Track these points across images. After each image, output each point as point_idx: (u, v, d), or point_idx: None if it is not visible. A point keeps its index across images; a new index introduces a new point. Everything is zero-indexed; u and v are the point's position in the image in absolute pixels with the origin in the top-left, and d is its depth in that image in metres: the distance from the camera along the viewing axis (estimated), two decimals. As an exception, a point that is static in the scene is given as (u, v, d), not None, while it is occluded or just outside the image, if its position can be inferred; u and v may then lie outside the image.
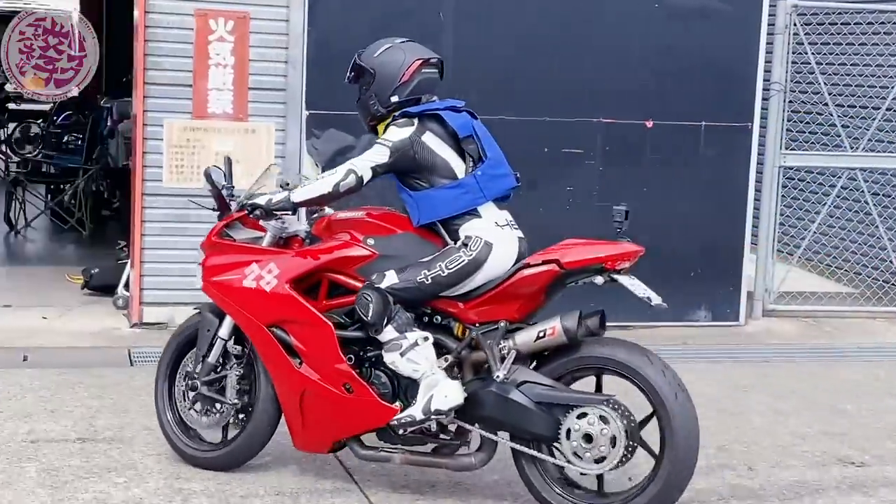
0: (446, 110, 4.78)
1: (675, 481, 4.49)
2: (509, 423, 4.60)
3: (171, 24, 7.42)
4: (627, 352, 4.57)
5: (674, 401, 4.45)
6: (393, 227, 4.83)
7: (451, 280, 4.62)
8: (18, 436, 5.38)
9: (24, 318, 7.67)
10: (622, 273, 4.56)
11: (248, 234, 5.08)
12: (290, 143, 7.68)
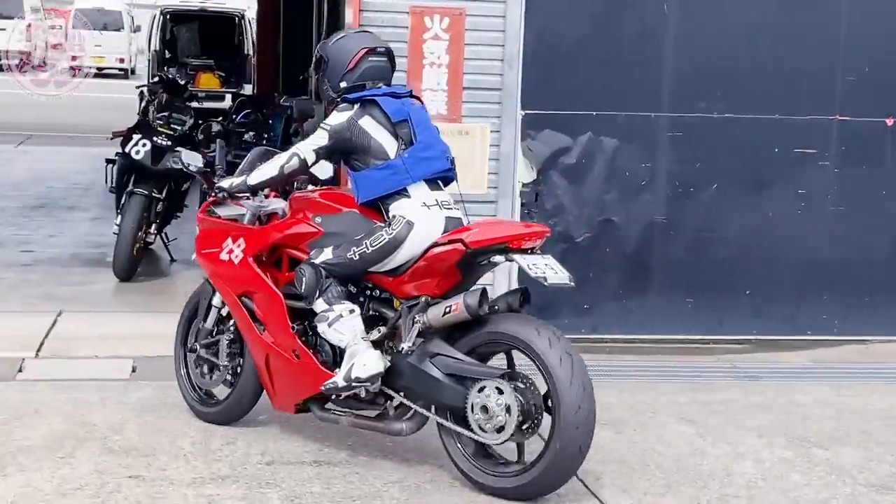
0: (385, 96, 5.08)
1: (564, 453, 4.61)
2: (422, 392, 4.87)
3: (385, 22, 7.13)
4: (520, 326, 4.74)
5: (560, 371, 4.59)
6: (339, 206, 5.17)
7: (375, 257, 4.93)
8: (253, 457, 5.14)
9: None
10: (529, 253, 4.78)
11: (234, 211, 5.48)
12: (504, 144, 7.32)
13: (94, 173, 14.46)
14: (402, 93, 5.21)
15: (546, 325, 4.76)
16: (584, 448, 4.65)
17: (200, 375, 5.64)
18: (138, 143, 8.71)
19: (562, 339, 4.70)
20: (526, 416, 4.66)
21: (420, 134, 5.04)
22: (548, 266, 4.75)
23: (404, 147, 5.02)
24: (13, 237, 10.16)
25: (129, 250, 8.49)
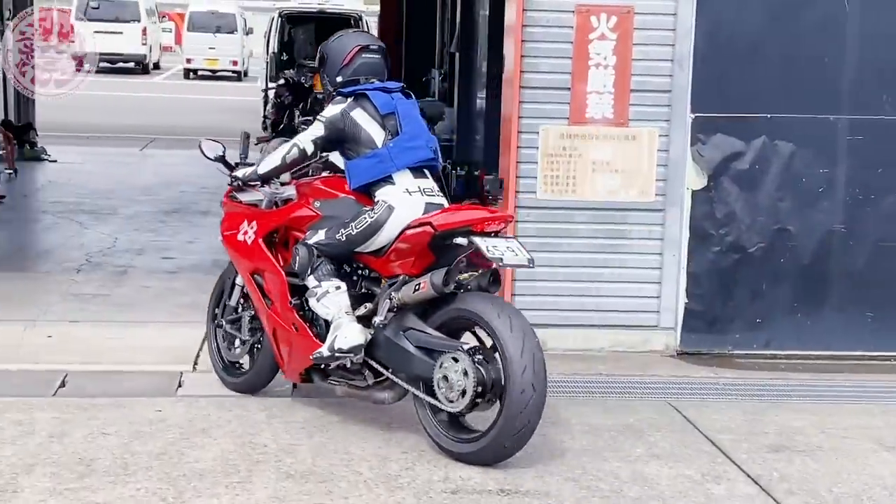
0: (375, 91, 5.48)
1: (512, 425, 4.89)
2: (397, 363, 5.24)
3: (549, 22, 6.81)
4: (483, 304, 5.07)
5: (511, 349, 4.88)
6: (336, 192, 5.59)
7: (359, 238, 5.35)
8: (435, 484, 4.85)
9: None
10: (492, 236, 5.10)
11: (254, 196, 5.93)
12: (673, 149, 6.94)
13: (221, 177, 14.33)
14: (393, 88, 5.60)
15: (506, 306, 5.17)
16: (532, 421, 4.95)
17: (227, 348, 6.15)
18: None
19: (519, 319, 5.01)
20: (484, 388, 4.96)
21: (405, 126, 5.44)
22: (508, 248, 5.08)
23: (391, 137, 5.41)
24: (152, 244, 10.04)
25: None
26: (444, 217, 5.18)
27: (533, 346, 4.91)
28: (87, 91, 26.51)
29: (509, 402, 4.89)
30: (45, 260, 9.31)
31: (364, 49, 5.62)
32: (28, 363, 6.43)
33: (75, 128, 18.37)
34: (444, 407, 5.07)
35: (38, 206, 11.81)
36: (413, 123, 5.47)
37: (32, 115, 16.87)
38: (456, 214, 5.21)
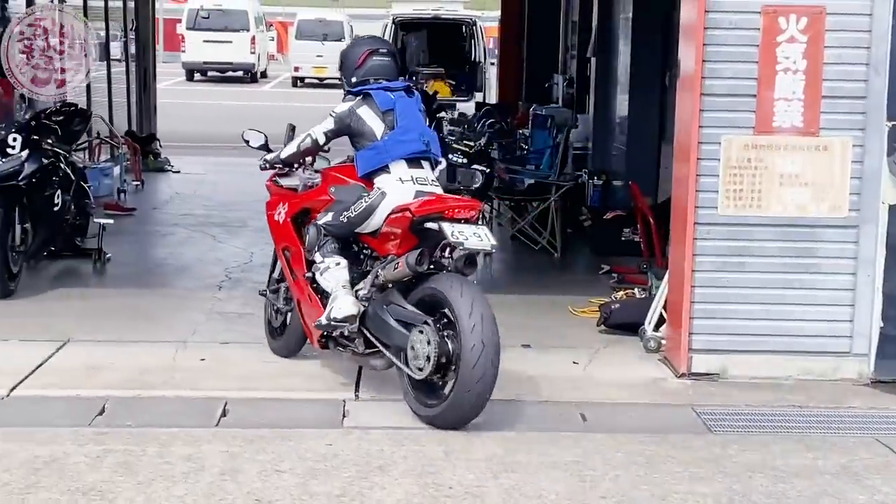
0: (378, 90, 6.09)
1: (463, 394, 5.41)
2: (381, 334, 5.81)
3: (733, 24, 6.32)
4: (450, 283, 5.61)
5: (465, 325, 5.39)
6: (349, 179, 6.18)
7: (356, 220, 5.97)
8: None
9: (552, 362, 6.83)
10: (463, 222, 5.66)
11: (293, 182, 6.58)
12: (868, 160, 6.40)
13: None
14: (396, 87, 6.17)
15: (471, 288, 5.60)
16: (483, 393, 5.44)
17: (273, 314, 6.82)
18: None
19: (478, 301, 5.48)
20: (448, 357, 5.48)
21: (401, 121, 6.04)
22: (474, 234, 5.66)
23: (389, 131, 6.02)
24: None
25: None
26: (421, 204, 5.78)
27: (488, 328, 5.43)
28: (198, 100, 26.81)
29: (462, 364, 5.40)
30: (185, 276, 9.07)
31: (374, 52, 6.28)
32: (185, 389, 6.14)
33: (191, 137, 18.30)
34: (413, 374, 5.63)
35: (168, 218, 11.60)
36: (408, 119, 6.08)
37: (154, 125, 16.85)
38: (432, 202, 5.80)
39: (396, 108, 6.04)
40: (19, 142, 7.98)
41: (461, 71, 22.37)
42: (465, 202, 5.87)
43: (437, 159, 6.21)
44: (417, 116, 6.13)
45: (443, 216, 5.68)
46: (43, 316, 7.59)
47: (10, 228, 7.94)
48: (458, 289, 5.55)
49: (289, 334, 6.66)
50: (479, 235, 5.65)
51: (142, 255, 9.79)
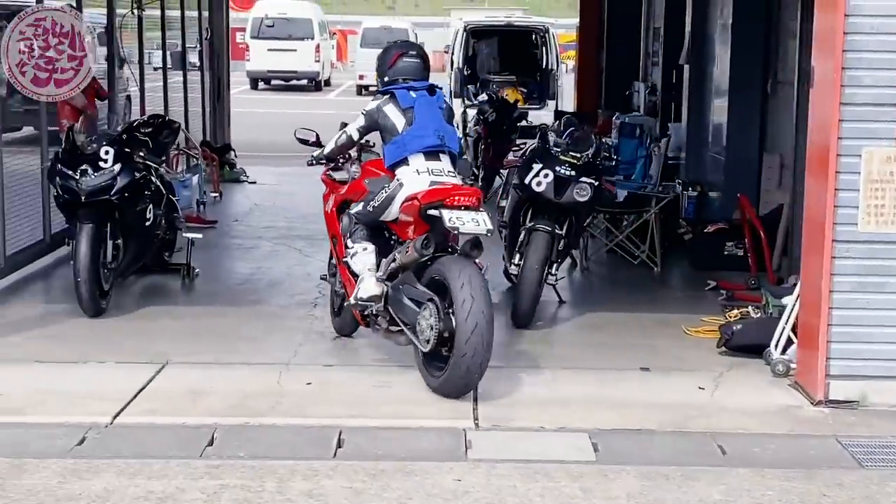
0: (401, 89, 6.62)
1: (458, 368, 5.90)
2: (398, 311, 6.32)
3: (875, 29, 5.92)
4: (452, 265, 6.10)
5: (460, 305, 5.88)
6: (380, 172, 6.72)
7: (379, 209, 6.51)
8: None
9: (675, 387, 6.46)
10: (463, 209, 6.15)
11: (343, 175, 7.10)
12: None
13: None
14: (418, 87, 6.67)
15: (468, 269, 6.07)
16: (472, 367, 5.93)
17: (333, 296, 7.31)
18: (539, 173, 7.74)
19: (474, 282, 5.98)
20: (450, 332, 5.97)
21: (418, 117, 6.53)
22: (472, 220, 6.16)
23: (408, 127, 6.52)
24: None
25: (534, 294, 7.57)
26: (427, 193, 6.30)
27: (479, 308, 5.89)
28: (264, 109, 26.63)
29: (456, 339, 5.92)
30: (276, 292, 8.77)
31: (404, 54, 6.84)
32: (295, 416, 5.83)
33: (261, 147, 18.04)
34: (421, 347, 6.15)
35: (251, 231, 11.34)
36: (425, 116, 6.57)
37: (228, 135, 16.65)
38: (437, 191, 6.28)
39: (416, 106, 6.59)
40: (111, 155, 7.74)
41: (533, 79, 21.98)
42: (466, 191, 6.34)
43: (455, 153, 6.67)
44: (435, 113, 6.64)
45: (444, 203, 6.22)
46: (136, 336, 7.34)
47: (101, 244, 7.71)
48: (456, 270, 6.09)
49: (344, 314, 7.18)
50: (475, 221, 6.18)
51: (229, 271, 9.51)
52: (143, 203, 8.02)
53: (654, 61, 15.49)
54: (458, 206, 6.19)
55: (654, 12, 15.66)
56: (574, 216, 7.87)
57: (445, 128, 6.62)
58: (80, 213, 7.65)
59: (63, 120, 9.65)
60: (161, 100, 13.44)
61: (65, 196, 7.70)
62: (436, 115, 6.59)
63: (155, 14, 13.38)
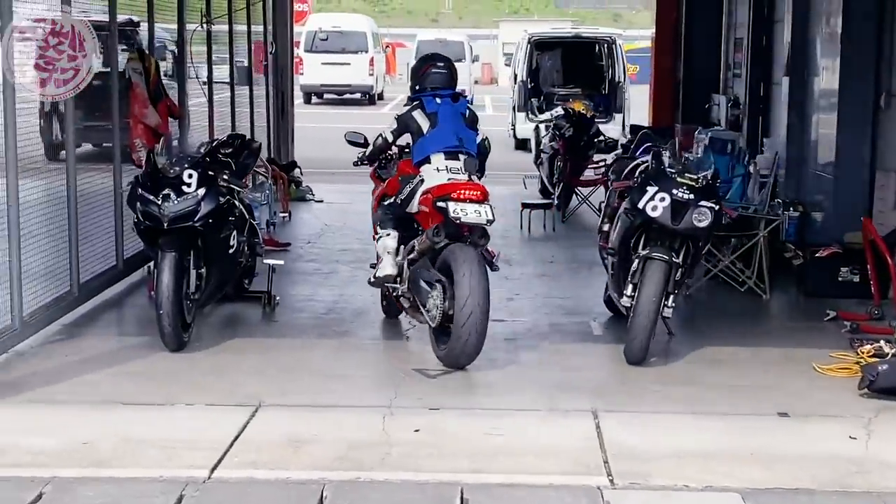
0: (428, 96, 7.43)
1: (457, 343, 6.78)
2: (415, 292, 7.13)
3: None
4: (457, 253, 6.90)
5: (460, 288, 6.74)
6: (409, 170, 7.43)
7: (405, 201, 7.35)
8: None
9: (821, 436, 5.84)
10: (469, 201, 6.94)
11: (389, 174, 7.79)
12: None
13: (501, 217, 13.23)
14: (444, 94, 7.45)
15: (469, 256, 6.83)
16: (467, 349, 6.73)
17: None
18: (654, 196, 7.14)
19: (474, 273, 6.74)
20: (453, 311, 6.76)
21: (440, 121, 7.29)
22: (475, 211, 6.90)
23: (431, 129, 7.28)
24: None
25: (650, 328, 6.99)
26: (438, 187, 7.06)
27: (477, 292, 6.70)
28: (319, 123, 26.12)
29: (455, 326, 6.72)
30: (364, 323, 8.23)
31: (432, 66, 7.62)
32: (408, 470, 5.30)
33: (321, 163, 17.46)
34: (430, 323, 6.96)
35: (326, 254, 10.82)
36: (447, 120, 7.33)
37: (292, 152, 16.19)
38: (446, 186, 7.04)
39: (439, 111, 7.38)
40: (195, 178, 7.23)
41: (598, 92, 21.37)
42: (471, 186, 7.06)
43: (472, 153, 7.35)
44: (456, 118, 7.42)
45: (451, 197, 6.97)
46: (223, 373, 6.84)
47: (185, 274, 7.21)
48: (459, 257, 6.88)
49: (389, 300, 7.87)
50: (478, 212, 6.95)
51: (310, 298, 8.97)
52: (227, 229, 7.51)
53: (736, 73, 14.87)
54: (463, 199, 6.96)
55: (736, 22, 15.03)
56: (692, 243, 7.27)
57: (465, 131, 7.41)
58: (162, 241, 7.15)
59: (136, 139, 9.20)
60: (227, 116, 12.98)
61: (146, 222, 7.20)
62: (457, 119, 7.43)
63: (223, 28, 12.93)
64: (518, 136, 21.67)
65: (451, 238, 6.95)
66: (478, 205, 6.93)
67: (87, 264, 8.31)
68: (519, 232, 12.23)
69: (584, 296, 9.19)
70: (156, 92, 9.56)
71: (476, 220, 6.90)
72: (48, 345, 7.33)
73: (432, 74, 7.54)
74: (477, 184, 7.10)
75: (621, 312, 7.79)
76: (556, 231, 12.36)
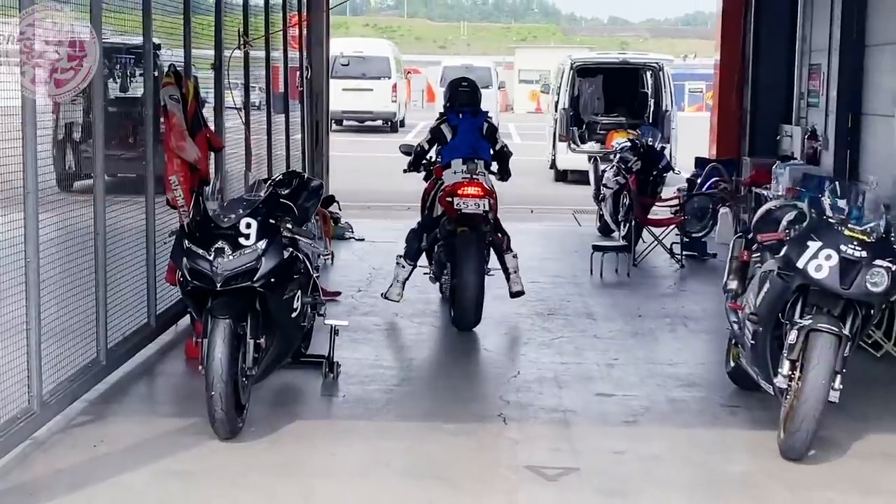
0: (452, 113, 9.06)
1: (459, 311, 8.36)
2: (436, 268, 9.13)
3: None
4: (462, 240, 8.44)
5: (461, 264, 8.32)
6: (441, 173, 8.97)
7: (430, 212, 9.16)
8: None
9: None
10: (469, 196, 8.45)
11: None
12: None
13: (564, 257, 12.02)
14: (466, 111, 9.01)
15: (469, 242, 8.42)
16: (467, 318, 8.36)
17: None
18: (818, 253, 5.83)
19: (470, 253, 8.37)
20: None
21: (460, 133, 8.92)
22: (474, 203, 8.46)
23: (453, 139, 8.92)
24: (570, 369, 7.53)
25: (819, 418, 5.67)
26: (448, 186, 8.56)
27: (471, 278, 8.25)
28: (344, 152, 24.67)
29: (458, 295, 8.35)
30: (446, 398, 6.88)
31: (459, 86, 9.14)
32: None
33: (352, 195, 16.14)
34: (444, 293, 8.99)
35: (382, 306, 9.42)
36: (465, 132, 8.86)
37: (328, 184, 14.89)
38: (454, 185, 8.50)
39: (460, 125, 8.89)
40: (254, 229, 5.94)
41: (643, 121, 20.04)
42: (473, 184, 8.47)
43: (487, 161, 8.88)
44: (473, 131, 8.89)
45: (456, 193, 8.42)
46: (291, 473, 5.56)
47: (241, 345, 5.91)
48: (461, 248, 8.36)
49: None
50: (477, 204, 8.40)
51: (377, 364, 7.64)
52: (290, 289, 6.20)
53: (812, 102, 13.61)
54: (466, 195, 8.44)
55: (811, 48, 13.77)
56: (863, 310, 5.95)
57: (479, 142, 8.92)
58: (214, 305, 5.84)
59: (171, 177, 7.89)
60: (262, 145, 11.69)
61: (194, 282, 5.90)
62: (473, 132, 8.93)
63: (259, 55, 11.63)
64: (559, 168, 20.41)
65: (461, 224, 8.47)
66: (478, 199, 8.47)
67: (115, 323, 7.03)
68: (590, 277, 10.92)
69: (694, 361, 7.88)
70: (195, 121, 8.25)
71: (474, 211, 8.48)
72: (72, 429, 6.03)
73: (458, 93, 9.16)
74: (478, 181, 8.58)
75: (751, 387, 6.56)
76: (630, 277, 11.03)
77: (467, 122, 8.90)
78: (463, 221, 8.45)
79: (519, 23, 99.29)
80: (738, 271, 6.88)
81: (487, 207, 8.44)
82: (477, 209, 8.40)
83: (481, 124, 8.98)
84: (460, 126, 8.87)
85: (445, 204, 8.55)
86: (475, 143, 8.82)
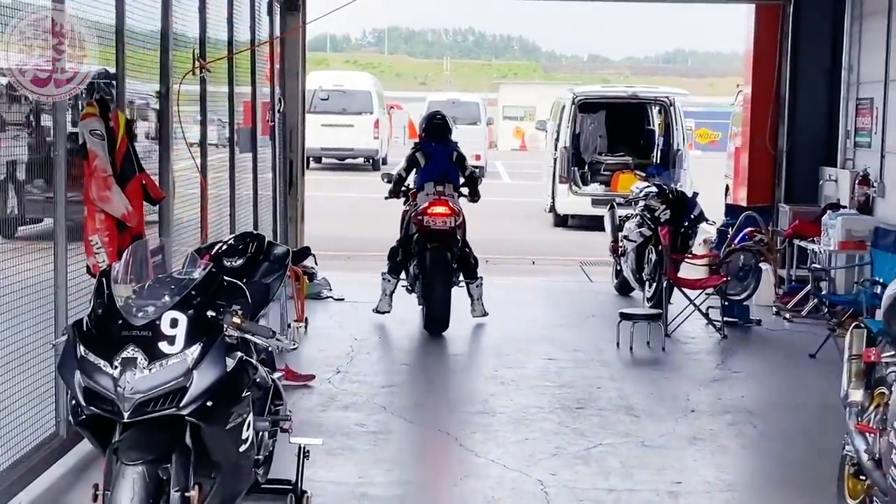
0: (426, 142, 10.27)
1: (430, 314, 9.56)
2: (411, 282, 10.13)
3: None
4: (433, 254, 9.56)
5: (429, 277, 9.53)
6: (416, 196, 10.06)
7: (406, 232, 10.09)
8: None
9: None
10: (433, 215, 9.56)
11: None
12: None
13: (581, 322, 10.15)
14: (438, 141, 10.22)
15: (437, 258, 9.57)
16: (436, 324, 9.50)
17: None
18: None
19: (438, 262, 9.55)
20: None
21: (432, 159, 10.04)
22: (442, 220, 9.54)
23: (426, 164, 10.01)
24: (610, 494, 5.65)
25: None
26: (420, 209, 9.67)
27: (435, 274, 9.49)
28: (320, 192, 22.62)
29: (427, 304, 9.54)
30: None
31: (433, 118, 10.54)
32: None
33: (331, 242, 14.15)
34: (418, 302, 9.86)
35: (367, 394, 7.52)
36: (437, 158, 10.07)
37: (302, 234, 12.96)
38: (426, 205, 9.64)
39: (432, 152, 10.13)
40: (182, 326, 4.01)
41: (650, 161, 18.20)
42: (440, 203, 9.62)
43: (456, 184, 10.06)
44: (444, 157, 10.09)
45: (426, 212, 9.60)
46: None
47: (161, 497, 3.96)
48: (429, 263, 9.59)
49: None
50: (444, 221, 9.57)
51: (360, 491, 5.70)
52: (238, 413, 4.24)
53: (861, 141, 11.84)
54: (434, 214, 9.54)
55: (859, 80, 12.00)
56: None
57: (450, 168, 10.07)
58: (120, 443, 3.90)
59: (92, 237, 5.97)
60: (224, 188, 9.77)
61: (91, 408, 3.95)
62: (444, 158, 10.06)
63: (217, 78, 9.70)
64: (559, 212, 18.53)
65: (431, 240, 9.54)
66: (445, 217, 9.54)
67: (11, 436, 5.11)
68: (617, 352, 9.03)
69: (779, 478, 5.98)
70: (126, 164, 6.33)
71: (441, 227, 9.52)
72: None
73: (431, 125, 10.39)
74: (445, 201, 9.65)
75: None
76: (665, 352, 9.14)
77: (439, 150, 10.12)
78: (433, 237, 9.55)
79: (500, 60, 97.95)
80: (862, 376, 5.02)
81: (454, 224, 9.59)
82: (444, 226, 9.54)
83: (451, 153, 10.18)
84: (433, 154, 10.08)
85: (417, 223, 9.64)
86: (446, 168, 10.04)
